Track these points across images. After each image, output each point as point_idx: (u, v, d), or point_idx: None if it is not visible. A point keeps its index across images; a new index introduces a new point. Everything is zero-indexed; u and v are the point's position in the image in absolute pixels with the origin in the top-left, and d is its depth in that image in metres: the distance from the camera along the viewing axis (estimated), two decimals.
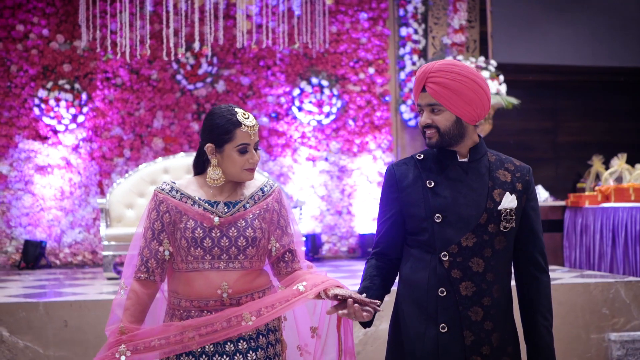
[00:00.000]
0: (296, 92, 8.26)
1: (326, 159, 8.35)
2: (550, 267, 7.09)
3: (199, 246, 2.37)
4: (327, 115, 8.30)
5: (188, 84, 8.05)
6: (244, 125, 2.39)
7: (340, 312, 2.31)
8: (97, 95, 7.87)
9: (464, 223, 2.34)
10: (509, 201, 2.35)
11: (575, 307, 5.36)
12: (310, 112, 8.26)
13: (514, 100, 7.87)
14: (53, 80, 7.74)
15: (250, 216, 2.43)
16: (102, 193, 7.75)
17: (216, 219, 2.39)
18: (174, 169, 6.91)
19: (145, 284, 2.41)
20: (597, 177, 8.98)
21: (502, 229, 2.35)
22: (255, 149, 2.45)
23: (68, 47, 7.83)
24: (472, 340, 2.31)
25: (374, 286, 2.43)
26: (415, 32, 8.48)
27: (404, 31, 8.48)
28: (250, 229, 2.41)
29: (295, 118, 8.29)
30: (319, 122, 8.30)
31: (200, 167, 2.49)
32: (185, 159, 6.90)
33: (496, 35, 8.82)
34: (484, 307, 2.33)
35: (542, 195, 8.74)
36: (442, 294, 2.33)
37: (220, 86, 8.13)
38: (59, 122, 7.69)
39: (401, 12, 8.49)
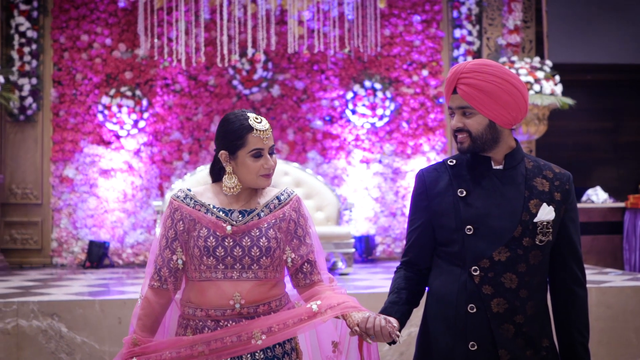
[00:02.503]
0: (349, 95, 8.25)
1: (380, 161, 8.29)
2: (605, 270, 6.95)
3: (211, 255, 2.28)
4: (381, 117, 8.27)
5: (244, 89, 8.14)
6: (256, 129, 2.28)
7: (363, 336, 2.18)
8: (157, 101, 8.06)
9: (496, 236, 2.16)
10: (546, 213, 2.17)
11: (625, 311, 5.18)
12: (363, 115, 8.24)
13: (569, 101, 7.71)
14: (115, 87, 7.93)
15: (265, 225, 2.32)
16: (162, 195, 7.86)
17: (229, 227, 2.29)
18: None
19: (158, 292, 2.34)
20: None
21: (537, 242, 2.17)
22: (271, 154, 2.34)
23: (129, 55, 8.01)
24: (509, 358, 2.15)
25: (400, 301, 2.28)
26: (470, 33, 8.40)
27: (457, 33, 8.39)
28: (264, 238, 2.30)
29: (349, 121, 8.27)
30: (373, 124, 8.26)
31: (216, 174, 2.40)
32: None
33: (552, 35, 8.63)
34: (515, 325, 2.15)
35: (601, 196, 8.53)
36: (471, 310, 2.16)
37: (275, 90, 8.21)
38: (121, 128, 7.90)
39: (455, 13, 8.40)
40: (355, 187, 8.26)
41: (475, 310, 2.15)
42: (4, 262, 7.40)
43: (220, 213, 2.32)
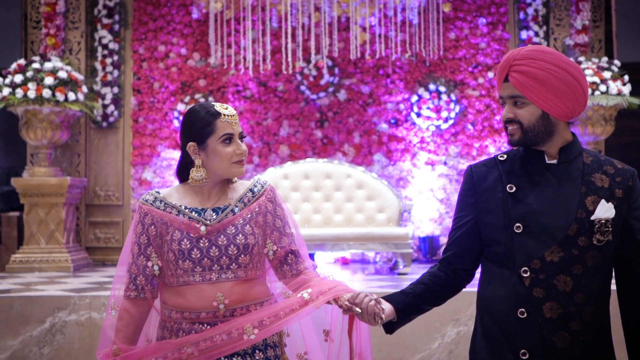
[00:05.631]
0: (414, 98, 8.16)
1: (445, 163, 8.18)
2: None
3: (187, 258, 2.13)
4: (446, 120, 8.11)
5: (311, 94, 8.17)
6: (224, 114, 2.17)
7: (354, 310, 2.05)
8: None
9: (548, 234, 1.95)
10: (604, 210, 1.95)
11: None
12: (428, 118, 8.12)
13: (636, 101, 7.43)
14: (190, 94, 8.10)
15: (241, 221, 2.18)
16: None
17: (202, 227, 2.15)
18: (294, 175, 7.35)
19: (136, 302, 2.20)
20: None
21: (595, 242, 1.94)
22: (241, 140, 2.20)
23: (203, 64, 8.20)
24: None
25: (411, 293, 2.13)
26: (536, 34, 8.22)
27: (524, 34, 8.19)
28: (241, 235, 2.16)
29: (414, 124, 8.16)
30: (438, 127, 8.12)
31: (184, 173, 2.25)
32: (303, 165, 7.30)
33: (622, 34, 8.37)
34: (571, 333, 1.93)
35: None
36: (522, 315, 1.96)
37: (342, 95, 8.19)
38: None
39: (521, 15, 8.24)
40: (420, 188, 8.26)
41: (525, 315, 1.96)
42: (88, 259, 7.81)
43: (193, 213, 2.17)
